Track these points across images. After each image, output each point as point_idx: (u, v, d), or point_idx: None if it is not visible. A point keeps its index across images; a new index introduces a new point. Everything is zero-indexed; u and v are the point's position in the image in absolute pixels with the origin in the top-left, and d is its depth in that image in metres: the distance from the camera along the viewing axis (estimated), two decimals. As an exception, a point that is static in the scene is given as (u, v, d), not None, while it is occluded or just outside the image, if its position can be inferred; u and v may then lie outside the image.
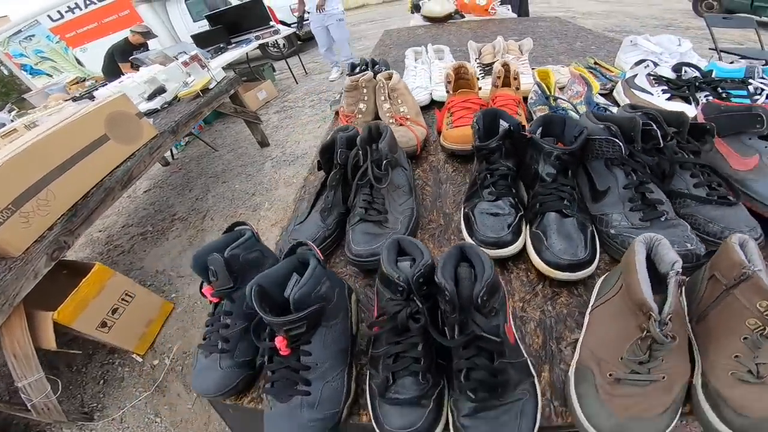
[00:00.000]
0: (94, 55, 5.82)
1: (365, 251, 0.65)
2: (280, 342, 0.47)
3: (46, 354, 1.44)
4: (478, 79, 1.04)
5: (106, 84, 2.79)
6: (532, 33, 2.17)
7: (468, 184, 0.75)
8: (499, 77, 0.92)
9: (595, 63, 1.34)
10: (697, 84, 0.90)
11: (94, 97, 2.53)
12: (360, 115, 1.04)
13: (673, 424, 0.42)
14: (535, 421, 0.43)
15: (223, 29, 4.48)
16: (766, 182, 0.62)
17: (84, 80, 4.57)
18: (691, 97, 0.90)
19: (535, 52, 1.77)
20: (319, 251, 0.55)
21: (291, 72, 5.28)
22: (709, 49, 2.87)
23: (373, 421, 0.46)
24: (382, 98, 1.01)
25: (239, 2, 5.38)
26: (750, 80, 0.94)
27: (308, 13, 4.57)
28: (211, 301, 0.58)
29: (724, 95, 0.89)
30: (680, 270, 0.41)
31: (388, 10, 11.60)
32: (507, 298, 0.50)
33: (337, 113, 1.32)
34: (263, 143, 3.62)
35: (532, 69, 1.14)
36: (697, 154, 0.63)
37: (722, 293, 0.43)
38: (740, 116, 0.64)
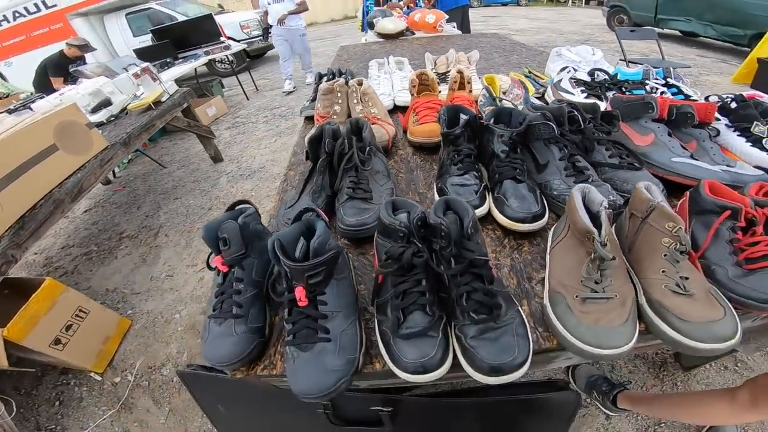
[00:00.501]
0: (20, 69, 5.38)
1: (356, 221, 0.75)
2: (299, 292, 0.51)
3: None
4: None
5: (44, 96, 2.63)
6: (476, 48, 2.43)
7: (437, 168, 0.89)
8: (455, 82, 1.08)
9: (530, 72, 1.58)
10: (606, 85, 1.13)
11: (32, 110, 2.38)
12: (335, 116, 1.14)
13: (635, 335, 0.49)
14: (529, 341, 0.51)
15: (169, 44, 4.38)
16: (661, 152, 0.82)
17: (7, 96, 4.19)
18: (602, 95, 1.12)
19: (478, 64, 2.00)
20: (324, 214, 0.62)
21: (242, 88, 5.25)
22: (620, 60, 3.37)
23: (389, 361, 0.52)
24: (355, 101, 1.13)
25: (187, 17, 5.29)
26: (647, 81, 1.19)
27: (271, 26, 4.80)
28: (220, 271, 0.62)
29: (627, 93, 1.12)
30: (607, 206, 0.55)
31: (337, 29, 11.94)
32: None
33: (307, 118, 1.41)
34: (216, 158, 3.56)
35: (479, 77, 1.32)
36: (608, 134, 0.82)
37: (640, 224, 0.58)
38: (637, 105, 0.85)
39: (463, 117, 0.84)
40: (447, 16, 3.08)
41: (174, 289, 2.17)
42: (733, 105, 1.00)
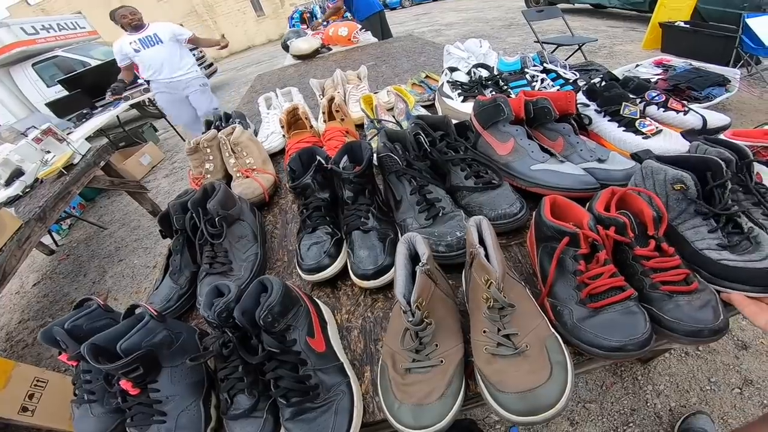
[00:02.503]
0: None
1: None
2: (125, 384, 0.54)
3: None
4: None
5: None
6: (388, 55, 2.40)
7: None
8: (324, 112, 1.01)
9: (426, 76, 1.53)
10: (483, 83, 1.08)
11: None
12: (209, 175, 1.06)
13: (456, 404, 0.45)
14: (351, 415, 0.49)
15: (82, 93, 4.05)
16: (521, 161, 0.77)
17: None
18: (480, 96, 1.07)
19: (385, 74, 1.97)
20: (151, 308, 0.61)
21: (175, 129, 4.99)
22: (534, 42, 3.40)
23: None
24: (227, 154, 1.05)
25: (102, 62, 4.99)
26: (526, 69, 1.15)
27: (143, 81, 3.46)
28: (71, 365, 0.65)
29: (505, 88, 1.08)
30: (425, 261, 0.49)
31: (275, 49, 11.73)
32: (316, 312, 0.57)
33: None
34: (155, 212, 3.38)
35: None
36: (457, 151, 0.75)
37: (468, 274, 0.52)
38: (489, 108, 0.79)
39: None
40: (360, 26, 3.04)
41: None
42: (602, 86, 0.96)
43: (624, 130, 0.88)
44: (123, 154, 4.16)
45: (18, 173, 2.44)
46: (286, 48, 3.11)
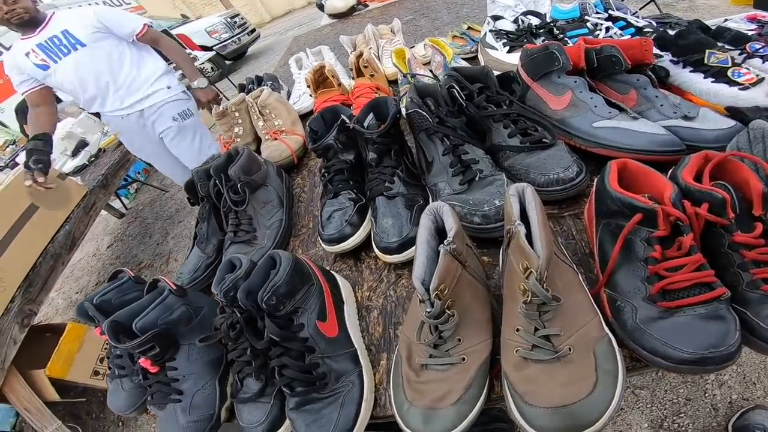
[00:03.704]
0: (11, 114, 5.44)
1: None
2: (144, 362, 0.54)
3: (65, 406, 1.72)
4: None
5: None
6: (427, 8, 2.21)
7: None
8: (351, 69, 0.93)
9: (468, 28, 1.36)
10: (533, 31, 0.92)
11: (17, 164, 2.44)
12: (239, 139, 1.04)
13: (473, 412, 0.38)
14: (359, 408, 0.45)
15: None
16: (579, 117, 0.64)
17: (14, 142, 4.35)
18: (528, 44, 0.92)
19: (424, 29, 1.81)
20: (170, 282, 0.60)
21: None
22: None
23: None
24: (255, 117, 1.02)
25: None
26: (587, 17, 0.97)
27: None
28: (105, 339, 0.64)
29: (561, 37, 0.91)
30: (452, 239, 0.41)
31: (316, 11, 11.38)
32: (331, 291, 0.53)
33: None
34: (208, 174, 3.55)
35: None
36: (512, 104, 0.64)
37: (505, 255, 0.42)
38: (540, 57, 0.66)
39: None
40: (397, -21, 2.79)
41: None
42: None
43: (713, 81, 0.69)
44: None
45: (83, 144, 2.61)
46: (321, 8, 2.97)
